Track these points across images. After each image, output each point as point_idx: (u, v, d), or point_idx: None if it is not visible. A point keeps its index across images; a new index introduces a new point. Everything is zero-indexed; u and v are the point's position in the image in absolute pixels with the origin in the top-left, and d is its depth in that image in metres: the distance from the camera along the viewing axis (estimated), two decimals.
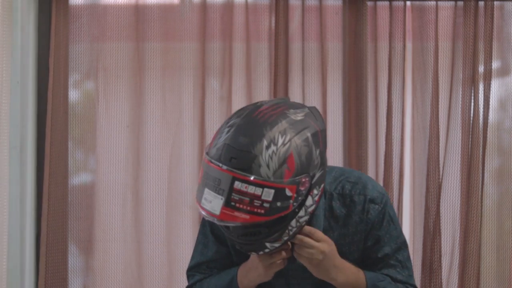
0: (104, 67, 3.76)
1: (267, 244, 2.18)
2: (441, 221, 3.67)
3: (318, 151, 2.14)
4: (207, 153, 2.12)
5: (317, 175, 2.17)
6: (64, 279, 3.66)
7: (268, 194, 2.08)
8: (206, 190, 2.09)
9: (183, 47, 3.74)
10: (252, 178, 2.05)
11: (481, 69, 3.68)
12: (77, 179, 3.75)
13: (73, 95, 3.76)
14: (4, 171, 3.51)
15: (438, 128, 3.68)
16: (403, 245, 2.41)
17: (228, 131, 2.08)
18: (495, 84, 3.71)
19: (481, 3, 3.68)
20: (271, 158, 2.06)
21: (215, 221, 2.10)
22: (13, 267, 3.57)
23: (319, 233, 2.22)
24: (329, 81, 3.74)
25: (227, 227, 2.18)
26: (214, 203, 2.08)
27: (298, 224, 2.17)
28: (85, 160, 3.77)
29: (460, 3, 3.71)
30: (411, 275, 2.39)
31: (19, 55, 3.62)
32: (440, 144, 3.69)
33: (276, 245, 2.18)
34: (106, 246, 3.72)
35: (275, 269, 2.25)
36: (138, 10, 3.75)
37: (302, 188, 2.12)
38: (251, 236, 2.16)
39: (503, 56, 3.74)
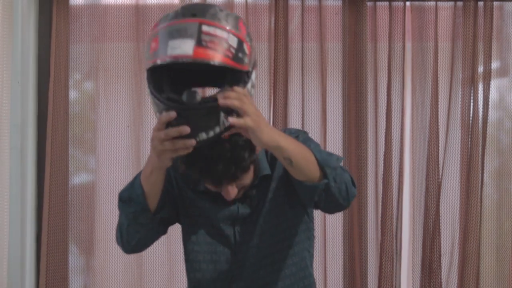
0: (105, 67, 3.76)
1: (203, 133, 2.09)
2: (440, 221, 3.68)
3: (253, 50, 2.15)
4: (160, 21, 2.15)
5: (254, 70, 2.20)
6: (65, 278, 3.67)
7: (233, 41, 2.09)
8: (171, 41, 2.06)
9: None
10: (218, 23, 2.08)
11: (480, 69, 3.68)
12: (77, 179, 3.76)
13: (74, 95, 3.77)
14: (4, 171, 3.51)
15: (437, 128, 3.69)
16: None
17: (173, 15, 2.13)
18: (494, 84, 3.72)
19: (481, 4, 3.69)
20: (227, 15, 2.10)
21: (189, 61, 2.06)
22: (14, 267, 3.57)
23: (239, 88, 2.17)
24: (328, 81, 3.75)
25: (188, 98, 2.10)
26: (184, 46, 2.05)
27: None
28: (85, 160, 3.77)
29: (460, 4, 3.72)
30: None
31: (20, 55, 3.62)
32: (440, 144, 3.70)
33: (210, 134, 2.10)
34: (107, 246, 3.72)
35: (167, 155, 2.13)
36: (139, 10, 3.76)
37: (251, 54, 2.16)
38: (204, 103, 2.09)
39: (503, 56, 3.74)
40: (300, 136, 2.42)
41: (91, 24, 3.76)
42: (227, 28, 2.08)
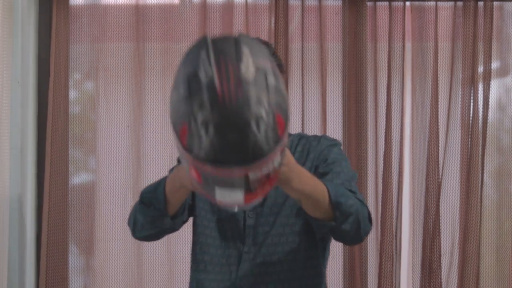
0: (105, 68, 3.76)
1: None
2: (440, 221, 3.68)
3: (282, 83, 2.07)
4: (193, 155, 1.97)
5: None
6: (65, 279, 3.67)
7: (277, 159, 2.04)
8: (219, 190, 2.01)
9: (183, 47, 3.74)
10: (261, 161, 1.96)
11: (480, 69, 3.68)
12: (77, 179, 3.76)
13: (74, 95, 3.77)
14: (4, 171, 3.51)
15: (437, 128, 3.69)
16: (354, 177, 2.49)
17: (207, 130, 1.93)
18: (494, 84, 3.72)
19: (481, 4, 3.69)
20: (266, 133, 1.96)
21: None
22: (14, 267, 3.57)
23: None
24: (328, 81, 3.75)
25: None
26: (233, 196, 2.01)
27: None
28: (85, 160, 3.77)
29: (460, 4, 3.72)
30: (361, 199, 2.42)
31: (20, 55, 3.62)
32: (440, 144, 3.70)
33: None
34: (106, 246, 3.72)
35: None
36: (138, 10, 3.76)
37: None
38: None
39: (503, 56, 3.74)
40: (335, 149, 2.50)
41: (91, 24, 3.76)
42: (269, 155, 1.97)
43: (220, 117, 1.91)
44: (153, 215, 2.41)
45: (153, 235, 2.48)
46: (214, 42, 2.00)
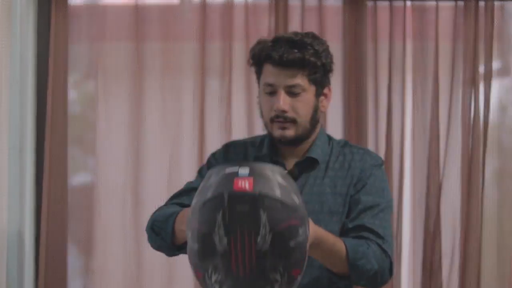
0: (104, 67, 3.75)
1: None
2: (441, 222, 3.67)
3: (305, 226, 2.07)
4: None
5: None
6: (64, 279, 3.66)
7: None
8: None
9: (183, 47, 3.74)
10: None
11: (481, 69, 3.68)
12: (76, 179, 3.75)
13: (73, 95, 3.77)
14: (3, 172, 3.51)
15: (438, 129, 3.68)
16: (386, 210, 2.46)
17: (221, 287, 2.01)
18: (495, 85, 3.71)
19: (482, 3, 3.68)
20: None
21: None
22: (13, 268, 3.56)
23: None
24: None
25: None
26: None
27: None
28: (84, 160, 3.76)
29: (461, 4, 3.71)
30: (388, 243, 2.40)
31: (19, 55, 3.61)
32: (441, 145, 3.69)
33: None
34: (106, 247, 3.71)
35: None
36: (138, 10, 3.75)
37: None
38: None
39: (504, 56, 3.74)
40: (378, 173, 2.48)
41: (90, 24, 3.75)
42: None
43: (234, 285, 1.97)
44: (160, 244, 2.48)
45: (164, 251, 2.54)
46: (231, 204, 1.97)
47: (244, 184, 1.99)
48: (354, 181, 2.46)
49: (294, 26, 3.70)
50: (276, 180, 2.03)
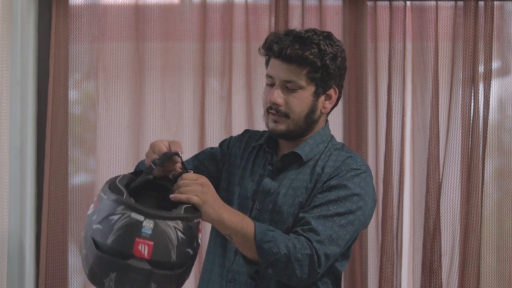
0: (104, 67, 3.76)
1: None
2: (441, 221, 3.67)
3: None
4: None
5: None
6: (64, 279, 3.66)
7: None
8: None
9: (183, 47, 3.74)
10: None
11: (481, 69, 3.68)
12: (77, 179, 3.75)
13: (73, 95, 3.76)
14: (4, 171, 3.51)
15: (438, 128, 3.68)
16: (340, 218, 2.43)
17: None
18: (495, 84, 3.71)
19: (481, 3, 3.68)
20: None
21: None
22: (13, 267, 3.57)
23: (190, 174, 2.34)
24: None
25: None
26: None
27: None
28: (85, 160, 3.76)
29: (460, 3, 3.71)
30: (318, 240, 2.38)
31: (19, 55, 3.61)
32: (440, 144, 3.69)
33: None
34: None
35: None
36: (138, 10, 3.75)
37: None
38: None
39: (503, 56, 3.74)
40: (346, 182, 2.48)
41: (90, 24, 3.75)
42: None
43: None
44: None
45: None
46: (127, 270, 2.17)
47: (144, 250, 2.15)
48: (325, 179, 2.47)
49: (294, 26, 3.70)
50: (175, 236, 2.18)
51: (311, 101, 2.49)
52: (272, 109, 2.48)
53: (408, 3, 3.74)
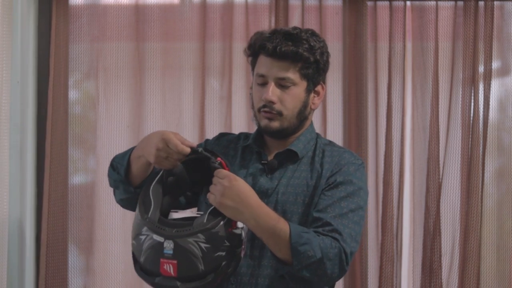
0: (104, 67, 3.76)
1: None
2: (441, 221, 3.67)
3: None
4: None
5: None
6: (64, 279, 3.66)
7: None
8: None
9: (183, 47, 3.74)
10: None
11: (481, 69, 3.68)
12: (77, 179, 3.75)
13: (73, 95, 3.76)
14: (4, 171, 3.51)
15: (438, 128, 3.68)
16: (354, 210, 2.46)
17: None
18: (495, 84, 3.71)
19: (481, 3, 3.69)
20: None
21: None
22: (13, 267, 3.57)
23: (220, 172, 2.35)
24: (329, 81, 3.73)
25: None
26: None
27: None
28: (85, 160, 3.76)
29: (460, 3, 3.71)
30: (343, 239, 2.39)
31: (19, 55, 3.61)
32: (440, 144, 3.69)
33: None
34: (106, 246, 3.72)
35: (164, 162, 2.39)
36: (138, 10, 3.75)
37: None
38: None
39: (503, 56, 3.74)
40: (354, 171, 2.49)
41: (90, 23, 3.75)
42: None
43: None
44: (115, 179, 2.57)
45: (124, 200, 2.59)
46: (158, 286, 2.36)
47: (169, 269, 2.26)
48: (327, 175, 2.49)
49: (294, 25, 3.70)
50: (198, 248, 2.24)
51: (304, 97, 2.51)
52: (266, 107, 2.49)
53: (408, 3, 3.74)
